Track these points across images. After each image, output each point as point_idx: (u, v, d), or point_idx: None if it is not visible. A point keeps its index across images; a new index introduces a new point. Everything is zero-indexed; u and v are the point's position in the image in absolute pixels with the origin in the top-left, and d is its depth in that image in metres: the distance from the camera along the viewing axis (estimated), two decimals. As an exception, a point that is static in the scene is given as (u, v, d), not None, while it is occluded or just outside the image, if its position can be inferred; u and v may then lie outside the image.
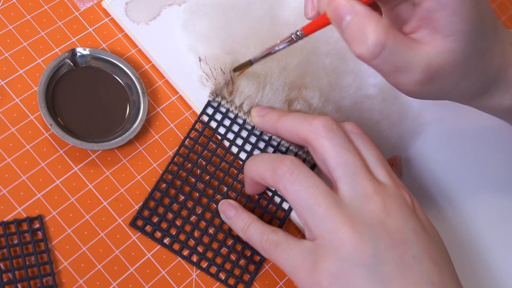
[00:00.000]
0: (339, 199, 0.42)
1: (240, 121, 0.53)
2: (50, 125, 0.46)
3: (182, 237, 0.49)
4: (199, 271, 0.49)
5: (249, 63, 0.50)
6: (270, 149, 0.53)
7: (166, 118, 0.52)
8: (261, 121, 0.50)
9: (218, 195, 0.51)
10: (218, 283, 0.49)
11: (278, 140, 0.53)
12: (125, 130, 0.49)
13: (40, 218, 0.46)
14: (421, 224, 0.43)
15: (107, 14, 0.53)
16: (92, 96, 0.50)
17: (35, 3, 0.52)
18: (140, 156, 0.50)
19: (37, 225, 0.46)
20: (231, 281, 0.49)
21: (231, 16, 0.53)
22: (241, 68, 0.51)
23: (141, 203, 0.49)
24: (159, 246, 0.48)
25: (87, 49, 0.50)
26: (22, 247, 0.45)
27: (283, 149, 0.53)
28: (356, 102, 0.55)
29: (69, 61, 0.49)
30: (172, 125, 0.52)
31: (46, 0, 0.52)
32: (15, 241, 0.45)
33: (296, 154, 0.53)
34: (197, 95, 0.53)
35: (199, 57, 0.52)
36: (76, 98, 0.49)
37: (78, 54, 0.50)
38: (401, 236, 0.42)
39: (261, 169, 0.45)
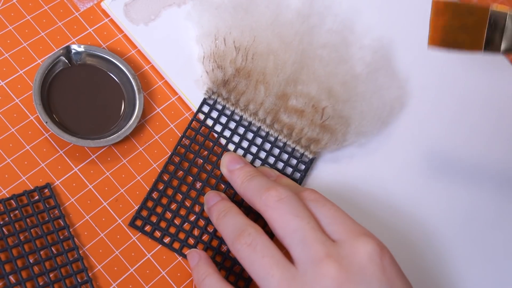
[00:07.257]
0: (294, 269, 0.40)
1: (236, 117, 0.53)
2: (46, 122, 0.46)
3: (181, 235, 0.49)
4: (199, 271, 0.49)
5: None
6: (267, 145, 0.53)
7: (166, 119, 0.52)
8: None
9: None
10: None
11: (276, 135, 0.53)
12: (121, 127, 0.49)
13: (48, 185, 0.47)
14: (389, 283, 0.40)
15: (107, 14, 0.53)
16: (88, 93, 0.50)
17: (35, 3, 0.52)
18: (140, 156, 0.50)
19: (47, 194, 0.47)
20: (231, 279, 0.49)
21: (239, 12, 0.52)
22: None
23: (140, 203, 0.49)
24: (159, 246, 0.48)
25: (82, 46, 0.50)
26: (37, 216, 0.46)
27: (281, 144, 0.53)
28: (345, 83, 0.54)
29: (64, 59, 0.49)
30: (172, 126, 0.52)
31: (46, 1, 0.52)
32: (30, 212, 0.46)
33: (293, 150, 0.52)
34: (195, 96, 0.53)
35: (203, 54, 0.52)
36: (71, 95, 0.49)
37: (73, 51, 0.50)
38: None
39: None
